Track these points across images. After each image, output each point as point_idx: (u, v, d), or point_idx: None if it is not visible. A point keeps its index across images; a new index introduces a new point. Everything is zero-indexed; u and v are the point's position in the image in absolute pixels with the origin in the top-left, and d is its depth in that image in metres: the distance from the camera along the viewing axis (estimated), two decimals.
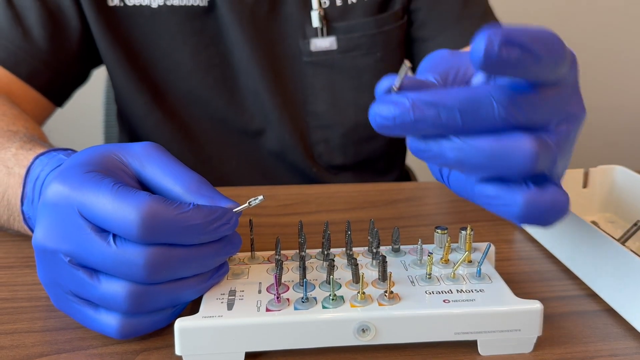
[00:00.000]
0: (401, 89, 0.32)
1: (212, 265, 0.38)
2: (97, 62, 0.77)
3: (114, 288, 0.35)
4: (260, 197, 0.39)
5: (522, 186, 0.32)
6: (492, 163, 0.31)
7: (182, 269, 0.36)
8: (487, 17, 0.79)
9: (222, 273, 0.39)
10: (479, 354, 0.38)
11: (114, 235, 0.35)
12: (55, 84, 0.72)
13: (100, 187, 0.35)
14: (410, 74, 0.33)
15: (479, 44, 0.28)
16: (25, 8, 0.69)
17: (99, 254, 0.35)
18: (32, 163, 0.46)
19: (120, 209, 0.34)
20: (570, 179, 0.58)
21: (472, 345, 0.38)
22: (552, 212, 0.33)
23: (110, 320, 0.37)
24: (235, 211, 0.37)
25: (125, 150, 0.39)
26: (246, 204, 0.38)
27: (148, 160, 0.39)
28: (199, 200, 0.37)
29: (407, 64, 0.31)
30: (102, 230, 0.35)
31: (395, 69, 0.78)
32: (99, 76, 0.88)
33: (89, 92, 0.79)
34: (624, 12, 1.70)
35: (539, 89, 0.31)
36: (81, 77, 0.77)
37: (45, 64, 0.70)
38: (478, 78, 0.36)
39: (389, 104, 0.31)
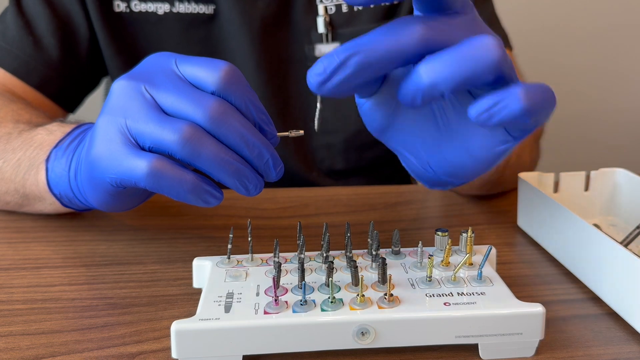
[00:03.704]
0: None
1: (257, 148, 0.39)
2: (107, 70, 0.77)
3: (175, 123, 0.37)
4: (301, 132, 0.43)
5: (509, 84, 0.32)
6: (462, 67, 0.31)
7: (236, 131, 0.38)
8: (494, 26, 0.79)
9: (256, 185, 0.40)
10: (480, 358, 0.37)
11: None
12: (67, 91, 0.73)
13: (191, 56, 0.40)
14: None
15: None
16: (35, 17, 0.70)
17: (176, 89, 0.38)
18: (83, 123, 0.50)
19: (212, 62, 0.39)
20: (572, 182, 0.57)
21: (473, 348, 0.37)
22: (548, 97, 0.33)
23: (142, 160, 0.37)
24: (278, 134, 0.42)
25: None
26: (287, 132, 0.43)
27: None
28: None
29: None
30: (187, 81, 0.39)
31: None
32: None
33: (89, 98, 0.80)
34: (624, 15, 1.70)
35: (447, 16, 0.33)
36: (92, 84, 0.78)
37: (56, 71, 0.71)
38: None
39: (317, 63, 0.33)
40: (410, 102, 0.32)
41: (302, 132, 0.43)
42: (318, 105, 0.37)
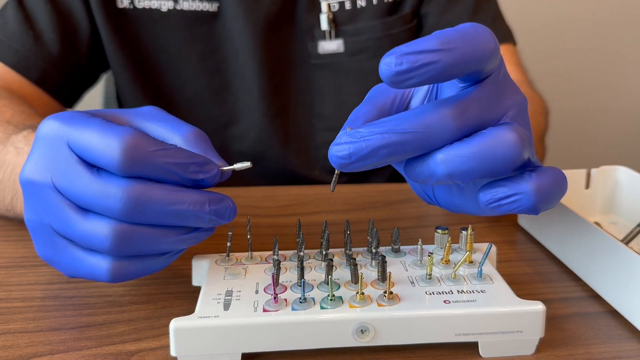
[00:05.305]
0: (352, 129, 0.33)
1: (192, 215, 0.35)
2: (107, 66, 0.77)
3: (98, 225, 0.35)
4: (247, 164, 0.38)
5: (523, 176, 0.32)
6: (482, 164, 0.31)
7: (162, 210, 0.35)
8: (498, 22, 0.79)
9: (206, 232, 0.38)
10: (480, 356, 0.37)
11: (100, 170, 0.35)
12: (65, 86, 0.73)
13: (89, 121, 0.35)
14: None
15: (386, 63, 0.29)
16: (36, 11, 0.69)
17: (82, 184, 0.35)
18: None
19: (104, 139, 0.34)
20: (573, 180, 0.57)
21: (473, 346, 0.37)
22: (558, 188, 0.33)
23: (100, 262, 0.36)
24: (221, 168, 0.37)
25: (129, 112, 0.40)
26: (232, 166, 0.38)
27: (150, 117, 0.39)
28: (193, 150, 0.37)
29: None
30: (89, 165, 0.35)
31: None
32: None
33: (87, 93, 0.80)
34: (625, 14, 1.69)
35: (479, 87, 0.32)
36: (91, 79, 0.78)
37: (55, 67, 0.71)
38: (417, 99, 0.37)
39: (343, 144, 0.31)
40: (420, 182, 0.32)
41: (249, 164, 0.38)
42: (337, 171, 0.36)
